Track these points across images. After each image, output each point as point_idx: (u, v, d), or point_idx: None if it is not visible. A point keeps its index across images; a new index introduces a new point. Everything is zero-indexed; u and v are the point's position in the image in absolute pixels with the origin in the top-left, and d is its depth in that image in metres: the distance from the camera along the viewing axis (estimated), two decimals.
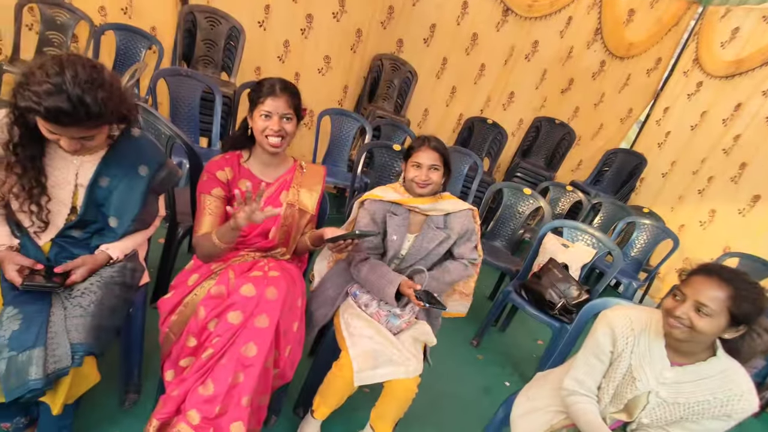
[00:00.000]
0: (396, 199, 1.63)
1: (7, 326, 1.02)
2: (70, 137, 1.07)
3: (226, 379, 1.20)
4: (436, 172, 1.59)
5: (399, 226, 1.61)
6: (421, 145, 1.59)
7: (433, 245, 1.63)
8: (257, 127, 1.39)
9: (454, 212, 1.67)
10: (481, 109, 4.44)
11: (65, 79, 0.98)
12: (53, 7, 3.05)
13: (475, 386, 2.27)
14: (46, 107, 0.98)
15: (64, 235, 1.24)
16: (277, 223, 1.47)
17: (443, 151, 1.60)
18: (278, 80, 1.41)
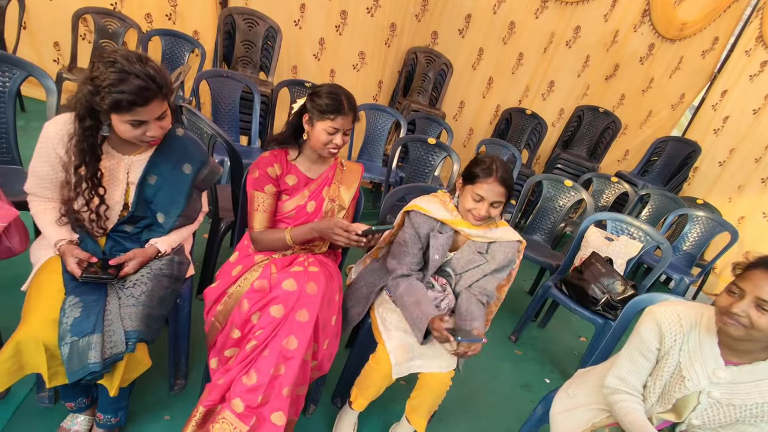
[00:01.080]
0: (444, 218, 1.51)
1: (69, 314, 1.10)
2: (153, 118, 1.15)
3: (269, 371, 1.24)
4: (497, 208, 1.45)
5: (442, 245, 1.53)
6: (488, 176, 1.41)
7: (471, 267, 1.55)
8: (320, 138, 1.41)
9: (500, 241, 1.54)
10: (520, 100, 4.32)
11: (123, 66, 1.07)
12: (105, 16, 3.25)
13: (512, 382, 2.23)
14: (128, 91, 1.06)
15: (117, 230, 1.32)
16: (318, 218, 1.51)
17: (510, 184, 1.44)
18: (343, 94, 1.41)
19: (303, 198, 1.51)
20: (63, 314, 1.10)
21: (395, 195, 1.90)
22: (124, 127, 1.14)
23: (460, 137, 4.44)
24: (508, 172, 1.45)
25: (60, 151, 1.20)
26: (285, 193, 1.51)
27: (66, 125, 1.19)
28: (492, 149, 3.60)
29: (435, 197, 1.62)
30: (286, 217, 1.51)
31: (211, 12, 3.52)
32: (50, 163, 1.22)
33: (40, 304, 1.12)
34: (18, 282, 1.25)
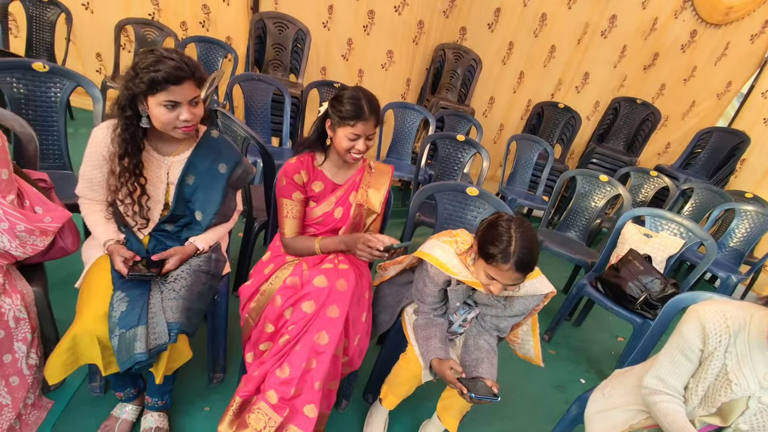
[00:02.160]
0: (462, 277, 1.34)
1: (117, 308, 1.17)
2: (186, 101, 1.22)
3: (300, 364, 1.28)
4: (513, 286, 1.30)
5: (461, 296, 1.45)
6: (504, 262, 1.20)
7: (486, 308, 1.46)
8: (342, 144, 1.39)
9: (523, 297, 1.39)
10: (552, 94, 4.21)
11: (160, 52, 1.18)
12: (144, 26, 3.40)
13: (546, 382, 2.19)
14: (163, 69, 1.15)
15: (159, 229, 1.40)
16: (346, 223, 1.52)
17: (531, 263, 1.22)
18: (364, 98, 1.37)
19: (330, 204, 1.51)
20: (112, 309, 1.18)
21: (424, 193, 1.91)
22: (159, 111, 1.21)
23: (490, 133, 4.38)
24: (529, 251, 1.20)
25: (106, 153, 1.28)
26: (312, 200, 1.52)
27: (110, 129, 1.27)
28: (523, 145, 3.54)
29: (451, 240, 1.42)
30: (315, 223, 1.53)
31: (243, 17, 3.62)
32: (98, 167, 1.31)
33: (92, 300, 1.19)
34: (71, 279, 1.34)
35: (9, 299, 1.19)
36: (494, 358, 1.42)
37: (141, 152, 1.31)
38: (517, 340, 1.61)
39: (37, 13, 3.16)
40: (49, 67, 1.75)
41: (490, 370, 1.37)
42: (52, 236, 1.25)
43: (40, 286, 1.30)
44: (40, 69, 1.74)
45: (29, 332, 1.24)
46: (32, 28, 3.18)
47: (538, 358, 1.59)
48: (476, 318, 1.50)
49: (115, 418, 1.39)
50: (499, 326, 1.47)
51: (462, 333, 1.53)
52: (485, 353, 1.41)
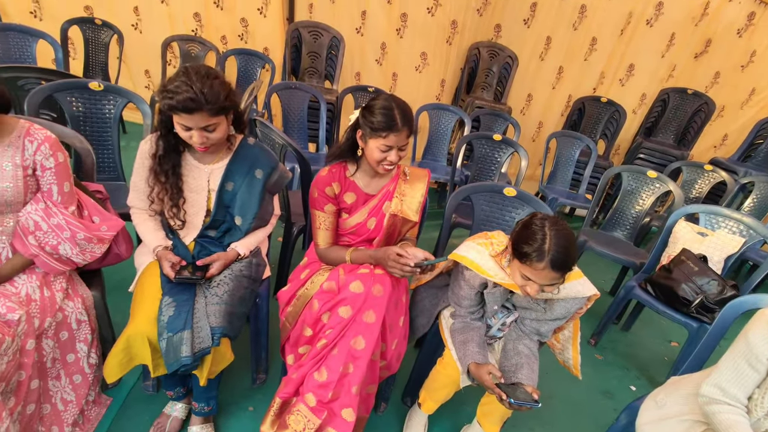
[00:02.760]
0: (498, 280, 1.30)
1: (165, 312, 1.24)
2: (198, 128, 1.27)
3: (338, 369, 1.29)
4: (551, 286, 1.24)
5: (498, 299, 1.42)
6: (538, 260, 1.17)
7: (525, 312, 1.43)
8: (373, 156, 1.36)
9: (563, 299, 1.35)
10: (594, 88, 4.05)
11: (189, 77, 1.22)
12: (188, 42, 3.58)
13: (592, 388, 2.10)
14: (178, 99, 1.20)
15: (203, 235, 1.46)
16: (380, 234, 1.50)
17: (567, 262, 1.18)
18: (397, 108, 1.32)
19: (363, 215, 1.50)
20: (160, 312, 1.24)
21: (460, 194, 1.88)
22: (178, 127, 1.29)
23: (529, 131, 4.26)
24: (565, 249, 1.16)
25: (149, 163, 1.37)
26: (344, 212, 1.51)
27: (153, 140, 1.36)
28: (564, 142, 3.42)
29: (487, 242, 1.38)
30: (348, 233, 1.53)
31: (279, 28, 3.73)
32: (145, 177, 1.39)
33: (144, 304, 1.26)
34: (125, 284, 1.43)
35: (72, 303, 1.28)
36: (535, 364, 1.38)
37: (179, 156, 1.39)
38: (557, 344, 1.56)
39: (92, 36, 3.40)
40: (103, 85, 1.88)
41: (530, 376, 1.33)
42: (108, 244, 1.34)
43: (99, 291, 1.40)
44: (95, 88, 1.86)
45: (89, 333, 1.33)
46: (89, 50, 3.42)
47: (577, 368, 1.52)
48: (515, 322, 1.46)
49: (166, 416, 1.47)
50: (540, 330, 1.42)
51: (501, 337, 1.49)
52: (525, 358, 1.37)
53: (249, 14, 3.70)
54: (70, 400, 1.33)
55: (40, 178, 1.22)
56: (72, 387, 1.32)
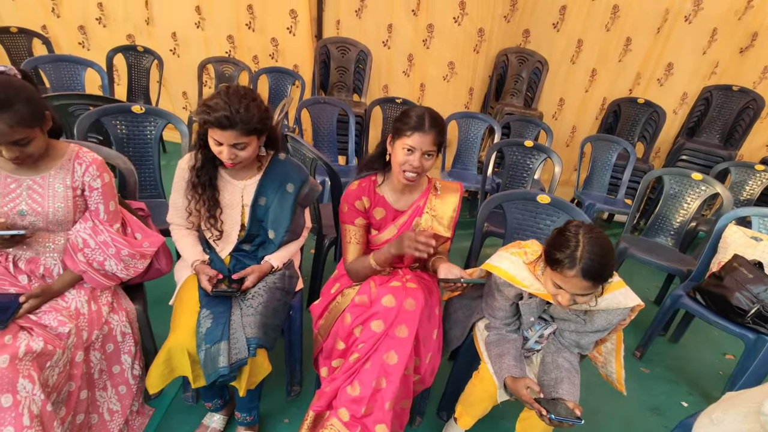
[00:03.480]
0: (533, 290, 1.27)
1: (203, 324, 1.27)
2: (228, 144, 1.32)
3: (371, 383, 1.28)
4: (584, 297, 1.18)
5: (534, 310, 1.38)
6: (570, 267, 1.12)
7: (564, 324, 1.37)
8: (397, 158, 1.36)
9: (604, 310, 1.29)
10: (630, 89, 3.91)
11: (228, 97, 1.28)
12: (222, 63, 3.73)
13: (639, 404, 1.98)
14: (214, 116, 1.27)
15: (238, 249, 1.50)
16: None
17: (601, 271, 1.12)
18: (427, 113, 1.34)
19: (392, 232, 1.49)
20: (199, 325, 1.28)
21: (492, 203, 1.85)
22: (211, 141, 1.34)
23: (562, 137, 4.16)
24: (600, 258, 1.10)
25: (187, 178, 1.43)
26: (374, 228, 1.51)
27: (191, 157, 1.43)
28: (599, 146, 3.31)
29: (520, 251, 1.36)
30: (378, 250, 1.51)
31: (308, 45, 3.83)
32: (184, 191, 1.45)
33: (183, 316, 1.31)
34: (166, 297, 1.48)
35: (116, 316, 1.34)
36: (576, 378, 1.32)
37: (215, 170, 1.44)
38: (600, 357, 1.49)
39: (135, 62, 3.61)
40: (144, 108, 1.98)
41: (571, 391, 1.27)
42: (149, 259, 1.40)
43: (141, 304, 1.46)
44: (137, 111, 1.97)
45: (133, 345, 1.38)
46: (131, 76, 3.63)
47: (620, 382, 1.44)
48: (554, 334, 1.41)
49: (205, 427, 1.50)
50: (580, 343, 1.36)
51: (539, 350, 1.44)
52: (565, 372, 1.31)
53: (279, 34, 3.82)
54: (116, 410, 1.38)
55: (88, 198, 1.29)
56: (118, 397, 1.38)
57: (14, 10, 3.80)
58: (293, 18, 3.71)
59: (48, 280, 1.28)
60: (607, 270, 1.13)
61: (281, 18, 3.73)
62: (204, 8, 3.74)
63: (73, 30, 3.89)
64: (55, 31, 3.89)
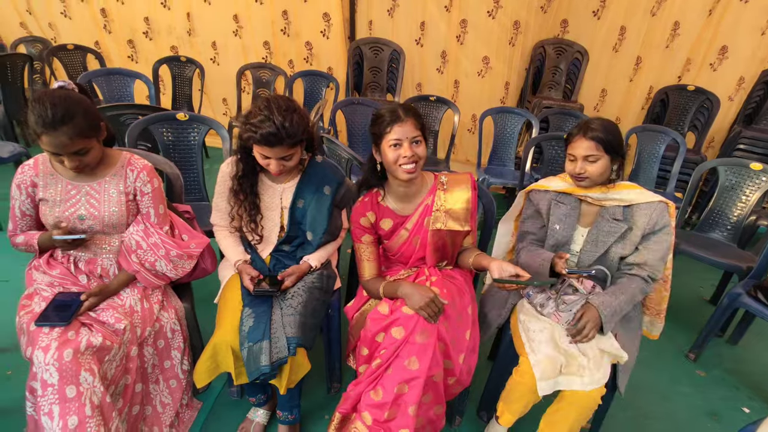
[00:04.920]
0: (563, 188, 1.51)
1: (246, 323, 1.32)
2: (276, 158, 1.35)
3: (392, 389, 1.27)
4: (592, 164, 1.41)
5: (565, 215, 1.49)
6: (576, 135, 1.43)
7: (611, 239, 1.43)
8: (388, 158, 1.32)
9: (639, 203, 1.43)
10: (679, 76, 3.69)
11: (272, 112, 1.29)
12: (260, 69, 3.84)
13: (695, 409, 1.87)
14: (261, 133, 1.29)
15: (278, 249, 1.55)
16: (428, 250, 1.45)
17: (602, 138, 1.38)
18: (397, 104, 1.34)
19: (403, 237, 1.46)
20: (242, 323, 1.32)
21: None
22: (257, 155, 1.38)
23: None
24: (602, 127, 1.40)
25: (230, 183, 1.48)
26: (384, 238, 1.50)
27: (233, 163, 1.47)
28: (646, 137, 3.15)
29: (556, 176, 1.59)
30: (396, 257, 1.51)
31: (341, 47, 3.87)
32: (226, 197, 1.50)
33: (227, 314, 1.36)
34: (211, 296, 1.55)
35: (167, 313, 1.41)
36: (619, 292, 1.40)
37: (256, 177, 1.48)
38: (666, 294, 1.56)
39: (178, 72, 3.78)
40: (188, 116, 2.07)
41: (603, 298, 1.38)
42: (196, 260, 1.46)
43: (189, 302, 1.53)
44: (182, 118, 2.06)
45: (182, 342, 1.45)
46: (175, 85, 3.80)
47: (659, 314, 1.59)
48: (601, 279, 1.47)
49: (249, 421, 1.55)
50: (643, 260, 1.43)
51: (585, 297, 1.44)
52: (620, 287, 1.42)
53: (313, 38, 3.89)
54: (168, 402, 1.45)
55: (139, 202, 1.37)
56: (169, 391, 1.45)
57: (71, 29, 4.09)
58: (326, 21, 3.77)
59: (105, 280, 1.37)
60: (608, 133, 1.39)
61: (315, 22, 3.79)
62: (241, 16, 3.87)
63: (122, 44, 4.14)
64: (106, 46, 4.15)
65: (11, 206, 1.31)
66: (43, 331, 1.15)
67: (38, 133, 1.13)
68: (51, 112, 1.10)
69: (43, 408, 1.10)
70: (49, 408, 1.10)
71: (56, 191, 1.29)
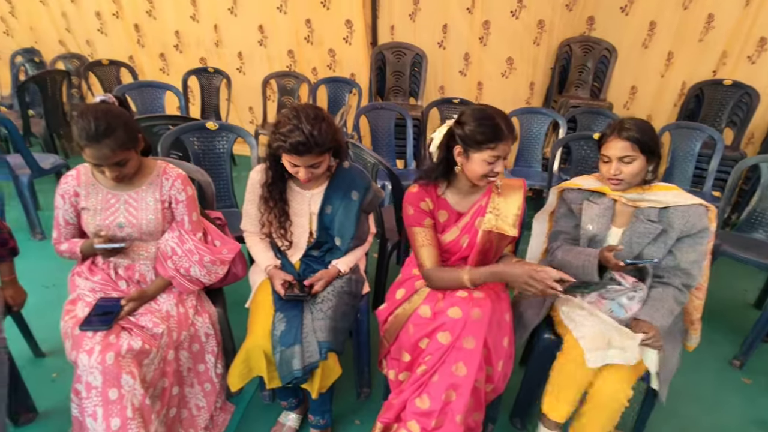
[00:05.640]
0: (596, 187, 1.49)
1: (278, 327, 1.33)
2: (305, 166, 1.37)
3: (440, 396, 1.25)
4: (627, 165, 1.38)
5: (599, 216, 1.45)
6: (609, 135, 1.41)
7: (646, 241, 1.38)
8: (477, 171, 1.31)
9: (675, 206, 1.38)
10: (714, 71, 3.55)
11: (300, 121, 1.31)
12: (284, 77, 3.91)
13: (743, 418, 1.78)
14: (290, 143, 1.31)
15: (307, 254, 1.56)
16: (473, 251, 1.41)
17: (637, 137, 1.35)
18: (499, 117, 1.28)
19: (454, 234, 1.44)
20: (274, 327, 1.34)
21: None
22: (286, 164, 1.40)
23: None
24: (637, 127, 1.37)
25: (260, 190, 1.50)
26: (437, 230, 1.47)
27: (263, 171, 1.50)
28: (680, 134, 3.04)
29: (591, 175, 1.57)
30: (442, 251, 1.47)
31: (364, 53, 3.90)
32: (256, 204, 1.53)
33: (259, 318, 1.38)
34: (242, 301, 1.57)
35: (201, 318, 1.44)
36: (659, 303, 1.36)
37: (285, 184, 1.50)
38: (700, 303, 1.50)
39: (206, 83, 3.89)
40: (218, 125, 2.12)
41: (648, 312, 1.33)
42: (228, 265, 1.49)
43: (221, 307, 1.56)
44: (211, 127, 2.12)
45: (216, 346, 1.48)
46: (203, 95, 3.91)
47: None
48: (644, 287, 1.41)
49: (281, 425, 1.57)
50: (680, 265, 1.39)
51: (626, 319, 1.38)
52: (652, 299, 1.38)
53: (336, 44, 3.93)
54: (202, 406, 1.48)
55: (174, 210, 1.41)
56: (203, 394, 1.48)
57: (107, 44, 4.32)
58: (349, 28, 3.81)
59: (142, 285, 1.41)
60: (643, 133, 1.35)
61: (338, 29, 3.84)
62: (266, 27, 3.95)
63: (155, 58, 4.30)
64: (140, 60, 4.32)
65: (55, 215, 1.37)
66: (86, 335, 1.20)
67: (82, 145, 1.18)
68: (94, 126, 1.16)
69: (87, 410, 1.14)
70: (93, 410, 1.14)
71: (97, 200, 1.34)
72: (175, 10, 4.02)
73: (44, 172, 2.76)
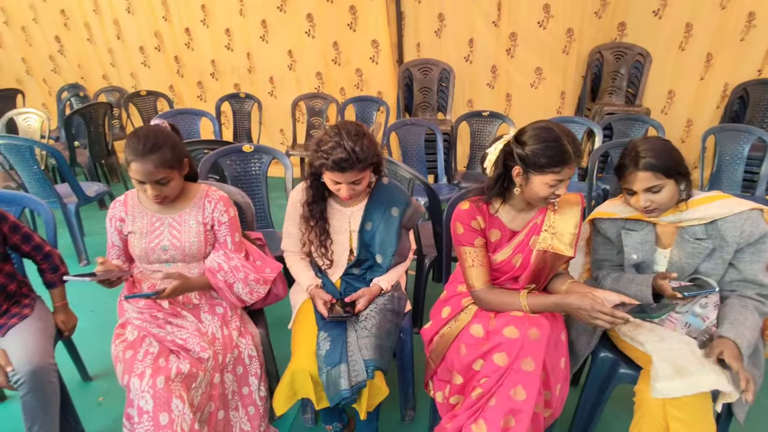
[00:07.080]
0: (630, 215, 1.35)
1: (322, 347, 1.31)
2: (347, 183, 1.36)
3: (498, 422, 1.17)
4: (656, 194, 1.25)
5: (641, 243, 1.33)
6: (627, 168, 1.27)
7: (698, 261, 1.28)
8: (539, 193, 1.23)
9: (723, 218, 1.26)
10: (759, 70, 3.39)
11: (342, 137, 1.31)
12: (313, 98, 3.99)
13: None
14: (332, 159, 1.31)
15: (348, 273, 1.54)
16: (527, 271, 1.34)
17: (657, 165, 1.22)
18: (565, 137, 1.19)
19: (507, 253, 1.36)
20: (318, 348, 1.31)
21: None
22: (328, 181, 1.40)
23: (675, 132, 3.72)
24: (655, 152, 1.23)
25: (301, 210, 1.50)
26: (488, 250, 1.40)
27: (303, 190, 1.50)
28: (725, 137, 2.89)
29: (619, 198, 1.44)
30: (492, 270, 1.39)
31: (391, 71, 3.93)
32: (297, 223, 1.53)
33: (303, 340, 1.36)
34: (284, 321, 1.56)
35: (244, 340, 1.43)
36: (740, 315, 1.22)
37: (325, 201, 1.50)
38: None
39: (239, 107, 4.01)
40: (253, 147, 2.16)
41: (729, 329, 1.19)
42: (270, 284, 1.49)
43: (263, 328, 1.54)
44: (247, 150, 2.15)
45: (259, 368, 1.46)
46: (236, 119, 4.03)
47: None
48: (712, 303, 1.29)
49: None
50: (746, 278, 1.26)
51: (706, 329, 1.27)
52: (730, 312, 1.24)
53: (362, 64, 3.99)
54: (247, 429, 1.46)
55: (217, 232, 1.42)
56: (248, 418, 1.46)
57: (150, 76, 4.58)
58: (375, 48, 3.86)
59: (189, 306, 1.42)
60: (662, 158, 1.23)
61: (364, 49, 3.90)
62: (295, 51, 4.06)
63: (193, 86, 4.49)
64: (179, 89, 4.53)
65: (108, 238, 1.41)
66: (137, 358, 1.21)
67: (129, 160, 1.24)
68: (142, 142, 1.22)
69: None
70: None
71: (143, 223, 1.37)
72: (211, 41, 4.21)
73: (89, 199, 2.88)
